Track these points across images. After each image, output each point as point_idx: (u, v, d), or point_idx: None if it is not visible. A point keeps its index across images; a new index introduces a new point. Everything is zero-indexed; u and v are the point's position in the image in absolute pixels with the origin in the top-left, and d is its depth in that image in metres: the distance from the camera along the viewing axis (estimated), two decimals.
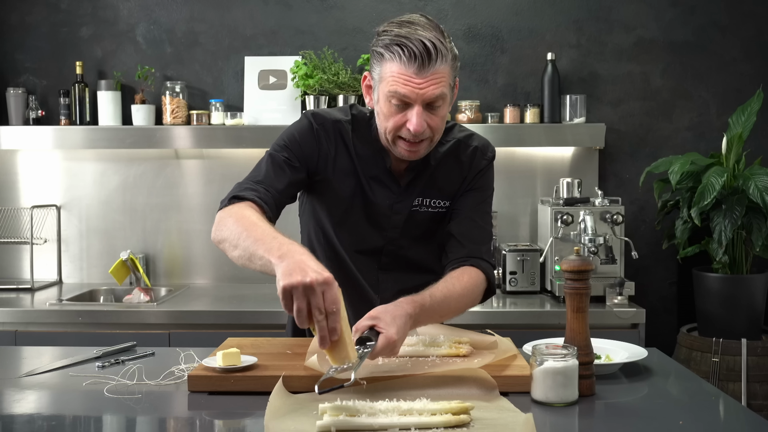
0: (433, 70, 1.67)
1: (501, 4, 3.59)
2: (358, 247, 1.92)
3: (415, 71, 1.66)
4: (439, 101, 1.71)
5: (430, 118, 1.72)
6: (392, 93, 1.69)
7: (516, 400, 1.48)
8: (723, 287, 3.17)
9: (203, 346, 1.93)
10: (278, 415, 1.39)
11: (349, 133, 1.86)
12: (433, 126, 1.73)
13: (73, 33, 3.66)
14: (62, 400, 1.59)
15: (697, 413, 1.49)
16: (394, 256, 1.93)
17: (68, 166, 3.65)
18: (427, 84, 1.67)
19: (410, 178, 1.87)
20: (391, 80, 1.68)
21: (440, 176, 1.90)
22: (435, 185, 1.89)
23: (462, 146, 1.92)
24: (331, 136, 1.85)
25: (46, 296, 3.30)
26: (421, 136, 1.72)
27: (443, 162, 1.90)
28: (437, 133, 1.77)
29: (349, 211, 1.89)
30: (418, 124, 1.69)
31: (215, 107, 3.52)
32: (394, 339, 1.51)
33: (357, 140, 1.86)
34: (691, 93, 3.60)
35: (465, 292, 1.78)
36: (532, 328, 2.86)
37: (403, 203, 1.89)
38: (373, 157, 1.86)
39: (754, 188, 3.04)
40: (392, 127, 1.73)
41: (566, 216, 3.15)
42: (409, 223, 1.90)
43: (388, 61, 1.68)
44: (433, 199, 1.89)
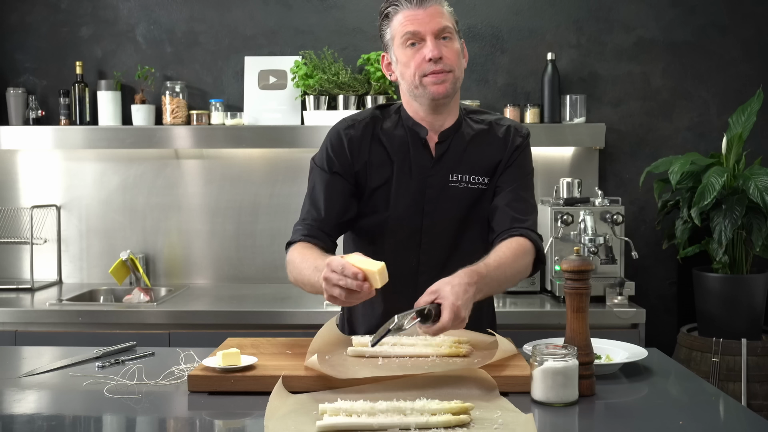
0: (432, 4, 1.86)
1: (501, 4, 3.59)
2: (398, 228, 1.94)
3: (416, 8, 1.85)
4: (447, 33, 1.86)
5: (445, 49, 1.85)
6: (405, 35, 1.85)
7: (516, 400, 1.48)
8: (723, 287, 3.17)
9: (203, 346, 1.93)
10: (278, 415, 1.39)
11: (380, 124, 1.96)
12: (450, 57, 1.85)
13: (73, 33, 3.66)
14: (62, 400, 1.59)
15: (697, 413, 1.49)
16: (434, 235, 1.93)
17: (68, 166, 3.65)
18: (430, 16, 1.85)
19: (443, 150, 1.93)
20: (400, 28, 1.86)
21: (476, 152, 1.95)
22: (471, 160, 1.94)
23: (495, 126, 1.99)
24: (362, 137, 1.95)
25: (46, 296, 3.30)
26: (443, 65, 1.84)
27: (477, 138, 1.96)
28: (457, 68, 1.88)
29: (385, 192, 1.93)
30: (435, 48, 1.83)
31: (215, 107, 3.52)
32: (458, 305, 1.56)
33: (389, 126, 1.96)
34: (691, 93, 3.60)
35: (517, 259, 1.83)
36: (532, 328, 2.86)
37: (438, 177, 1.92)
38: (406, 135, 1.95)
39: (754, 188, 3.04)
40: (415, 67, 1.85)
41: (566, 216, 3.15)
42: (448, 201, 1.93)
43: (393, 15, 1.88)
44: (472, 175, 1.93)
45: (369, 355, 1.70)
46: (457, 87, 1.90)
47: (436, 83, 1.85)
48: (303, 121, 3.51)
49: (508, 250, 1.82)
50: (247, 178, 3.61)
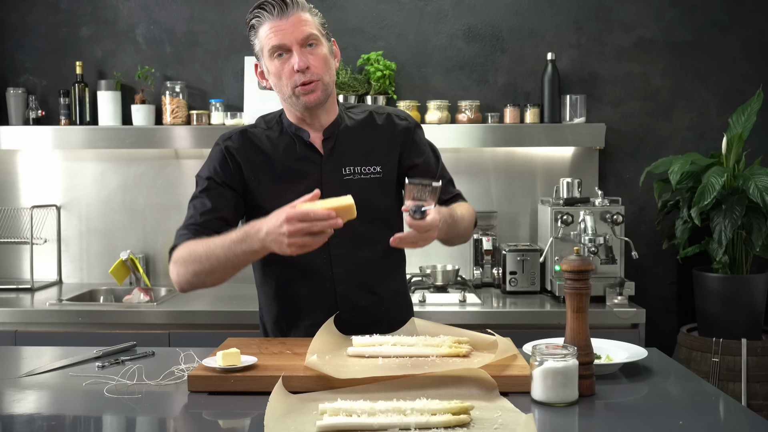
0: (295, 14, 1.88)
1: (501, 4, 3.59)
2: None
3: (279, 20, 1.87)
4: (312, 40, 1.89)
5: (311, 58, 1.89)
6: (272, 48, 1.89)
7: (516, 400, 1.48)
8: (723, 287, 3.17)
9: (203, 346, 1.93)
10: (278, 415, 1.39)
11: (258, 135, 2.01)
12: (317, 65, 1.89)
13: (73, 33, 3.66)
14: (62, 400, 1.59)
15: (697, 413, 1.49)
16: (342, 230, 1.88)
17: (68, 166, 3.65)
18: (294, 26, 1.87)
19: (330, 146, 1.99)
20: (267, 40, 1.89)
21: (363, 143, 2.01)
22: (359, 151, 2.00)
23: (375, 114, 2.06)
24: (246, 146, 2.00)
25: (46, 296, 3.30)
26: (311, 75, 1.88)
27: (360, 129, 2.02)
28: (326, 75, 1.92)
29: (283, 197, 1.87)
30: (300, 61, 1.87)
31: (215, 107, 3.52)
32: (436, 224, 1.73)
33: (271, 134, 2.02)
34: (691, 93, 3.60)
35: (469, 215, 2.06)
36: (532, 328, 2.86)
37: (331, 172, 1.97)
38: (292, 140, 2.00)
39: (754, 188, 3.04)
40: (286, 79, 1.90)
41: (566, 216, 3.15)
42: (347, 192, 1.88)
43: (259, 27, 1.91)
44: (364, 166, 1.99)
45: (369, 355, 1.70)
46: (329, 91, 1.94)
47: (307, 93, 1.90)
48: None
49: (461, 209, 2.01)
50: None
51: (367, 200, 1.93)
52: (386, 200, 2.01)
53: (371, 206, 1.95)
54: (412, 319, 1.89)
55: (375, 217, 1.96)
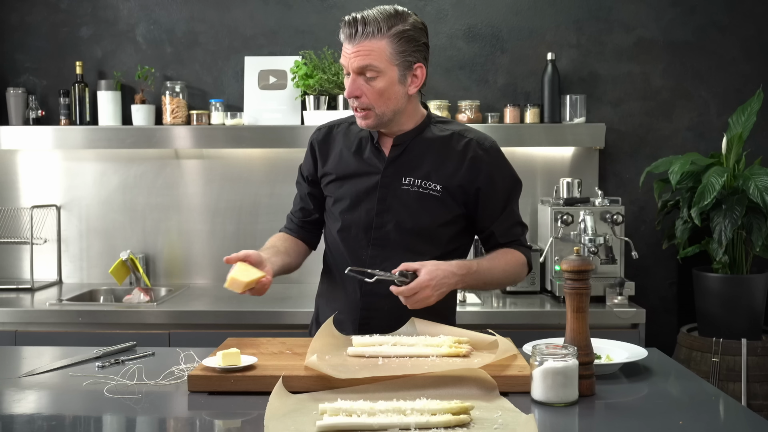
0: (362, 42, 1.88)
1: (501, 4, 3.59)
2: (350, 221, 2.02)
3: (347, 41, 1.90)
4: (370, 72, 1.89)
5: (365, 87, 1.90)
6: (342, 63, 1.93)
7: (516, 400, 1.48)
8: (723, 287, 3.17)
9: (203, 346, 1.93)
10: (278, 415, 1.39)
11: (342, 127, 2.10)
12: (370, 96, 1.90)
13: (73, 33, 3.66)
14: (62, 400, 1.59)
15: (697, 413, 1.49)
16: (384, 233, 1.99)
17: (68, 166, 3.65)
18: (354, 54, 1.89)
19: (397, 153, 2.00)
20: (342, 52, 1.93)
21: (432, 159, 1.99)
22: (426, 166, 1.99)
23: (456, 136, 2.02)
24: (327, 139, 2.10)
25: (46, 296, 3.30)
26: (360, 103, 1.92)
27: (436, 146, 2.01)
28: (379, 106, 1.92)
29: (342, 188, 2.04)
30: (349, 88, 1.91)
31: (215, 107, 3.52)
32: (430, 282, 1.79)
33: (352, 129, 2.07)
34: (691, 93, 3.60)
35: (508, 267, 2.01)
36: (532, 328, 2.86)
37: (391, 178, 1.99)
38: (364, 137, 2.05)
39: (754, 188, 3.04)
40: (347, 95, 1.95)
41: (566, 216, 3.15)
42: (400, 201, 1.98)
43: (341, 36, 1.92)
44: (425, 180, 1.98)
45: (369, 355, 1.71)
46: (384, 119, 1.94)
47: (359, 118, 1.96)
48: (303, 121, 3.51)
49: (502, 258, 2.01)
50: (247, 178, 3.61)
51: (421, 214, 1.98)
52: (439, 219, 1.99)
53: (423, 221, 1.98)
54: (412, 319, 1.89)
55: (423, 232, 1.99)
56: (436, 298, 1.82)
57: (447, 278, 1.83)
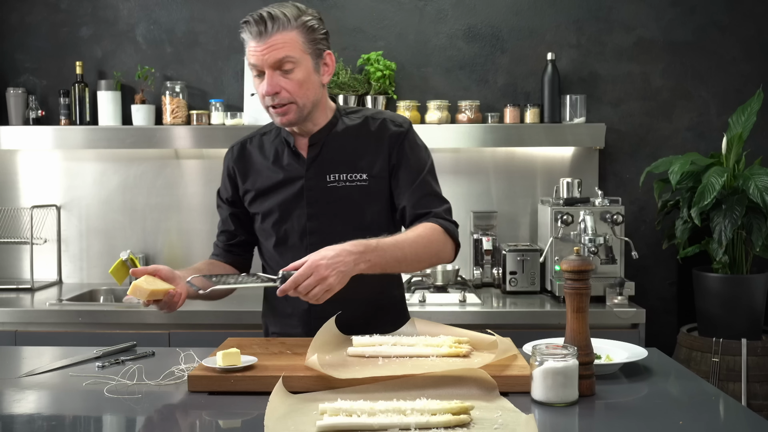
0: (273, 35, 1.84)
1: (501, 4, 3.59)
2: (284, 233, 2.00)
3: (256, 39, 1.86)
4: (287, 64, 1.86)
5: (284, 81, 1.87)
6: (250, 66, 1.89)
7: (516, 400, 1.48)
8: (723, 287, 3.17)
9: (203, 346, 1.93)
10: (278, 415, 1.39)
11: (255, 142, 2.08)
12: (290, 89, 1.87)
13: (73, 33, 3.66)
14: (62, 400, 1.59)
15: (697, 413, 1.49)
16: (321, 236, 1.95)
17: (68, 166, 3.65)
18: (267, 50, 1.85)
19: (315, 152, 1.98)
20: (248, 54, 1.88)
21: (351, 150, 1.98)
22: (347, 158, 1.97)
23: (370, 120, 2.01)
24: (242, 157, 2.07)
25: (46, 296, 3.30)
26: (280, 99, 1.87)
27: (351, 135, 1.99)
28: (300, 98, 1.89)
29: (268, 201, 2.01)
30: (268, 86, 1.86)
31: (215, 107, 3.52)
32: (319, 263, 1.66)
33: (265, 141, 2.06)
34: (691, 93, 3.60)
35: (419, 239, 1.85)
36: (532, 328, 2.86)
37: (315, 179, 1.97)
38: (280, 146, 2.03)
39: (754, 188, 3.04)
40: (260, 97, 1.91)
41: (566, 216, 3.15)
42: (329, 200, 1.97)
43: (245, 42, 1.89)
44: (350, 173, 1.96)
45: (369, 355, 1.71)
46: (305, 112, 1.91)
47: (279, 116, 1.91)
48: None
49: (411, 230, 1.87)
50: None
51: (352, 208, 1.96)
52: (373, 208, 1.98)
53: (357, 214, 1.96)
54: (412, 319, 1.89)
55: (361, 225, 1.95)
56: (337, 280, 1.67)
57: (340, 256, 1.69)
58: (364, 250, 1.74)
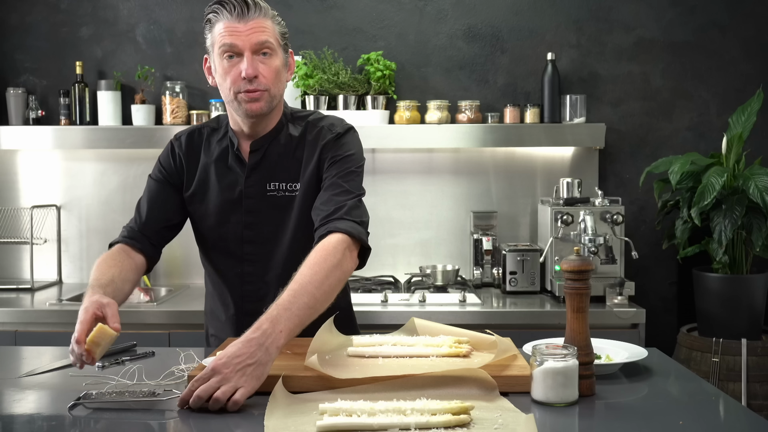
0: (255, 19, 1.81)
1: (501, 4, 3.59)
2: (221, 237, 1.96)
3: (236, 20, 1.81)
4: (267, 49, 1.82)
5: (262, 67, 1.82)
6: (223, 47, 1.83)
7: (516, 400, 1.48)
8: (723, 287, 3.17)
9: (203, 346, 1.93)
10: (278, 415, 1.39)
11: (204, 136, 1.99)
12: (266, 76, 1.82)
13: (73, 33, 3.66)
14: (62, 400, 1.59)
15: (697, 413, 1.49)
16: (257, 245, 1.92)
17: (68, 166, 3.65)
18: (250, 31, 1.80)
19: (257, 159, 1.92)
20: (219, 37, 1.84)
21: (290, 158, 1.92)
22: (286, 167, 1.92)
23: (310, 127, 1.94)
24: (189, 147, 1.98)
25: (46, 296, 3.30)
26: (257, 84, 1.81)
27: (292, 143, 1.93)
28: (274, 86, 1.84)
29: (208, 204, 1.95)
30: (250, 67, 1.80)
31: (215, 107, 3.52)
32: (217, 364, 1.46)
33: (212, 139, 1.98)
34: (691, 93, 3.60)
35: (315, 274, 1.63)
36: (532, 328, 2.86)
37: (255, 187, 1.91)
38: (225, 146, 1.95)
39: (754, 188, 3.04)
40: (231, 81, 1.83)
41: (566, 216, 3.15)
42: (267, 209, 1.91)
43: (215, 23, 1.87)
44: (288, 183, 1.91)
45: (369, 355, 1.70)
46: (274, 103, 1.87)
47: (250, 101, 1.83)
48: None
49: (302, 270, 1.65)
50: None
51: (286, 218, 1.90)
52: (302, 220, 1.89)
53: (290, 224, 1.90)
54: (412, 319, 1.89)
55: (298, 236, 1.90)
56: (246, 378, 1.45)
57: (241, 350, 1.47)
58: (267, 327, 1.51)
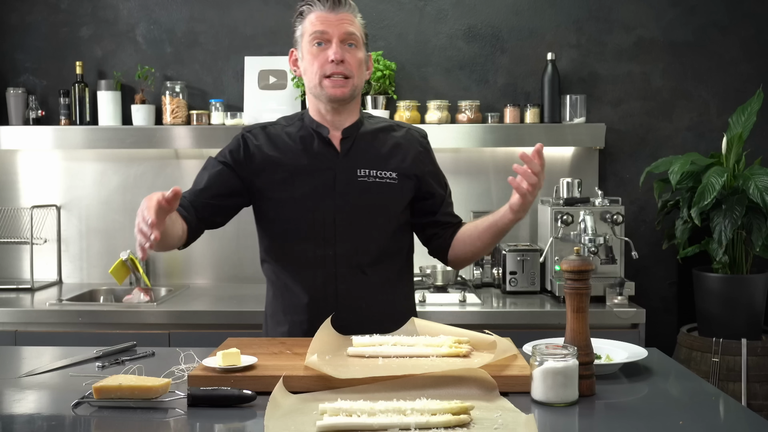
0: (344, 11, 1.98)
1: (501, 4, 3.59)
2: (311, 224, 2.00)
3: (329, 11, 1.96)
4: (353, 41, 1.98)
5: (348, 55, 1.96)
6: (314, 34, 1.96)
7: (516, 400, 1.48)
8: (723, 287, 3.17)
9: (203, 346, 1.93)
10: (278, 415, 1.39)
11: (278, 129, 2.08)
12: (351, 63, 1.97)
13: (73, 33, 3.66)
14: (62, 400, 1.59)
15: (697, 413, 1.49)
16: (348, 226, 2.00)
17: (68, 166, 3.65)
18: (340, 21, 1.96)
19: (348, 145, 2.04)
20: (310, 26, 1.97)
21: (381, 149, 2.06)
22: (378, 157, 2.05)
23: (395, 127, 2.13)
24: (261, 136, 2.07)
25: (46, 296, 3.30)
26: (343, 68, 1.95)
27: (380, 136, 2.08)
28: (356, 77, 1.99)
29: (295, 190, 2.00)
30: (338, 52, 1.94)
31: (215, 107, 3.52)
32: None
33: (292, 130, 2.07)
34: (691, 93, 3.60)
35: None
36: (532, 328, 2.86)
37: (346, 172, 2.02)
38: (311, 135, 2.05)
39: (754, 188, 3.04)
40: (318, 66, 1.96)
41: (566, 216, 3.15)
42: (359, 193, 2.01)
43: (307, 14, 1.99)
44: (379, 170, 2.03)
45: (369, 355, 1.70)
46: (355, 93, 2.02)
47: (335, 87, 1.96)
48: None
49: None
50: None
51: (380, 203, 2.02)
52: (397, 207, 2.06)
53: (380, 207, 2.03)
54: (412, 319, 1.89)
55: (382, 218, 2.04)
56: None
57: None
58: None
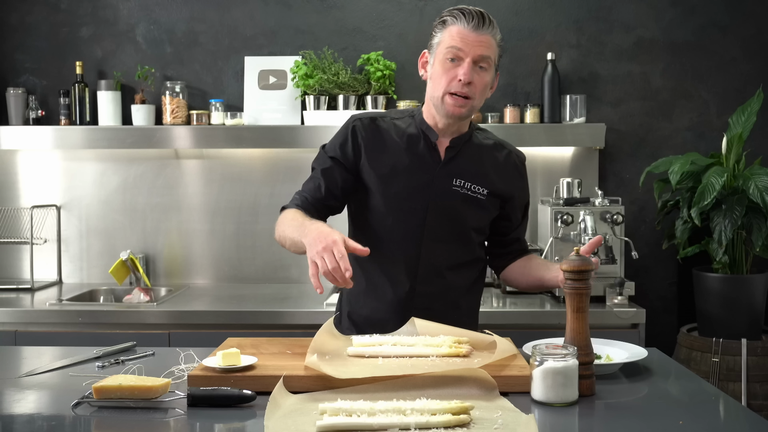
0: (485, 33, 1.97)
1: (501, 4, 3.58)
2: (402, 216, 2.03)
3: (471, 30, 1.96)
4: (486, 63, 1.97)
5: (476, 77, 1.96)
6: (450, 48, 1.96)
7: (516, 400, 1.48)
8: (723, 287, 3.17)
9: (203, 346, 1.93)
10: (278, 415, 1.39)
11: (387, 122, 2.09)
12: (477, 86, 1.97)
13: (73, 33, 3.66)
14: (62, 400, 1.59)
15: (697, 413, 1.49)
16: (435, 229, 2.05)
17: (68, 166, 3.65)
18: (478, 42, 1.96)
19: (452, 155, 2.06)
20: (449, 39, 1.96)
21: (481, 164, 2.09)
22: (475, 170, 2.07)
23: (498, 146, 2.15)
24: (372, 128, 2.07)
25: (46, 296, 3.30)
26: (467, 90, 1.95)
27: (484, 153, 2.10)
28: (477, 99, 1.99)
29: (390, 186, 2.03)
30: (467, 74, 1.94)
31: (215, 107, 3.52)
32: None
33: (401, 125, 2.09)
34: (691, 93, 3.60)
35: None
36: (532, 328, 2.86)
37: (443, 179, 2.04)
38: (418, 135, 2.07)
39: (754, 188, 3.04)
40: (446, 81, 1.96)
41: (566, 216, 3.15)
42: (449, 200, 2.04)
43: (450, 25, 1.98)
44: (473, 184, 2.06)
45: (369, 355, 1.71)
46: (472, 113, 2.03)
47: (455, 105, 1.97)
48: (303, 121, 3.51)
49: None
50: (247, 178, 3.61)
51: (464, 214, 2.05)
52: (479, 222, 2.09)
53: (467, 217, 2.07)
54: (412, 319, 1.89)
55: (465, 228, 2.08)
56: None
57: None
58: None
